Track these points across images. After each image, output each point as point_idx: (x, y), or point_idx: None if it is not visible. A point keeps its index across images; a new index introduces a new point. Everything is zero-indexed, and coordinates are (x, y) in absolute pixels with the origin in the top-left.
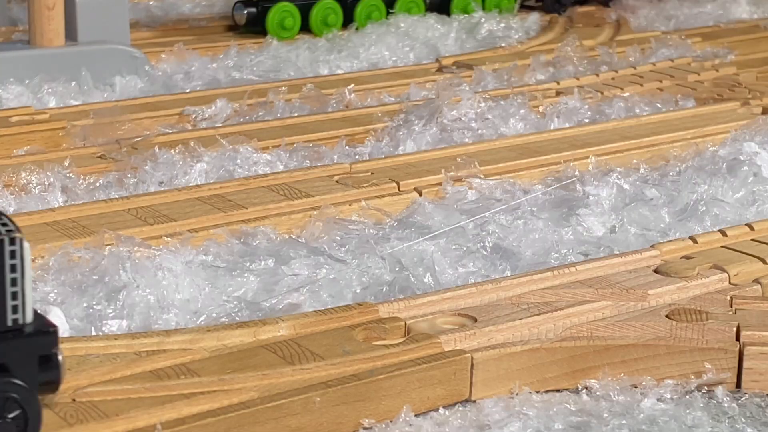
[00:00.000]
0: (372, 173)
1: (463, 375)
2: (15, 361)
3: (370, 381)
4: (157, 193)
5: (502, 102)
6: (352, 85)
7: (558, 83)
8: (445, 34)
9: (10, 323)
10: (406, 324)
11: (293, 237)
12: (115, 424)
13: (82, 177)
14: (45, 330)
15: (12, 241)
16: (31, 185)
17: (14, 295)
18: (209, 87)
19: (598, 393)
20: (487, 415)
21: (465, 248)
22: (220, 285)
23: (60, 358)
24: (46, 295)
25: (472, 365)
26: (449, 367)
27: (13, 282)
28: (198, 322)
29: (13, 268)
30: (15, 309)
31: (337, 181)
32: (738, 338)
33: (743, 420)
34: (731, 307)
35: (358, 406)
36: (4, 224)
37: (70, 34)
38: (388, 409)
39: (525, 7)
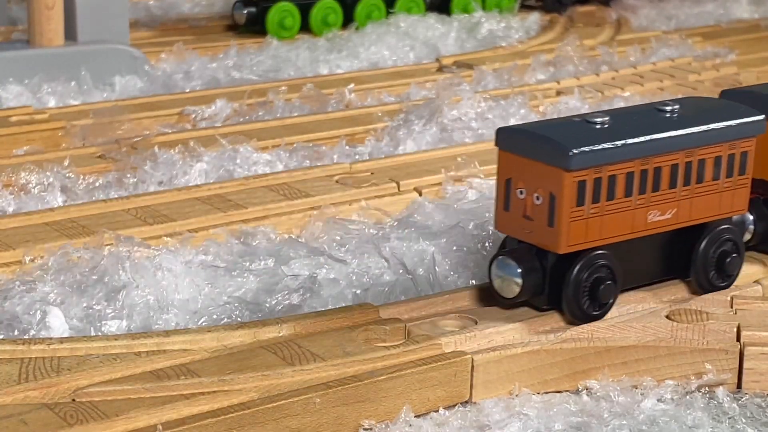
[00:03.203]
0: (372, 173)
1: (464, 376)
2: None
3: (370, 382)
4: (156, 193)
5: (502, 102)
6: (352, 85)
7: (558, 83)
8: (445, 34)
9: None
10: (406, 326)
11: (293, 237)
12: (115, 424)
13: (82, 177)
14: None
15: None
16: (30, 185)
17: None
18: (209, 87)
19: (598, 393)
20: (487, 415)
21: (465, 249)
22: (219, 285)
23: None
24: (45, 295)
25: (473, 367)
26: (449, 368)
27: None
28: (198, 323)
29: None
30: None
31: (337, 181)
32: (738, 339)
33: (744, 420)
34: (732, 307)
35: (358, 407)
36: None
37: (70, 33)
38: (388, 410)
39: (525, 7)
